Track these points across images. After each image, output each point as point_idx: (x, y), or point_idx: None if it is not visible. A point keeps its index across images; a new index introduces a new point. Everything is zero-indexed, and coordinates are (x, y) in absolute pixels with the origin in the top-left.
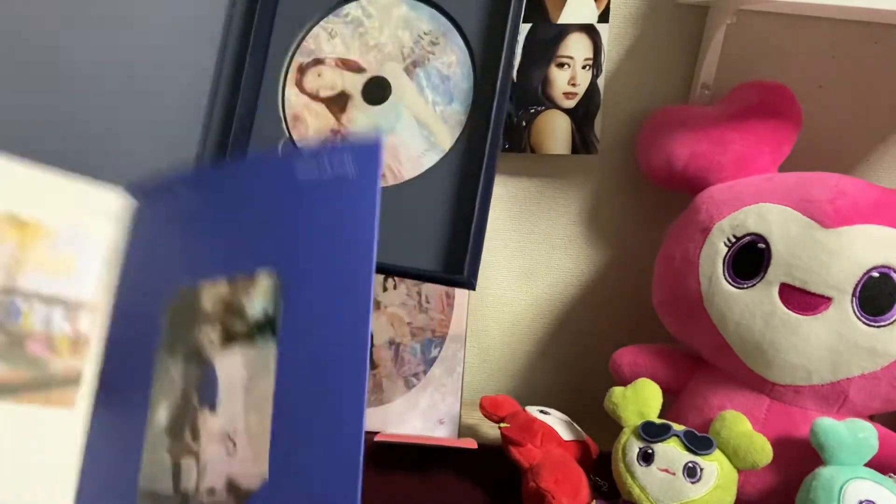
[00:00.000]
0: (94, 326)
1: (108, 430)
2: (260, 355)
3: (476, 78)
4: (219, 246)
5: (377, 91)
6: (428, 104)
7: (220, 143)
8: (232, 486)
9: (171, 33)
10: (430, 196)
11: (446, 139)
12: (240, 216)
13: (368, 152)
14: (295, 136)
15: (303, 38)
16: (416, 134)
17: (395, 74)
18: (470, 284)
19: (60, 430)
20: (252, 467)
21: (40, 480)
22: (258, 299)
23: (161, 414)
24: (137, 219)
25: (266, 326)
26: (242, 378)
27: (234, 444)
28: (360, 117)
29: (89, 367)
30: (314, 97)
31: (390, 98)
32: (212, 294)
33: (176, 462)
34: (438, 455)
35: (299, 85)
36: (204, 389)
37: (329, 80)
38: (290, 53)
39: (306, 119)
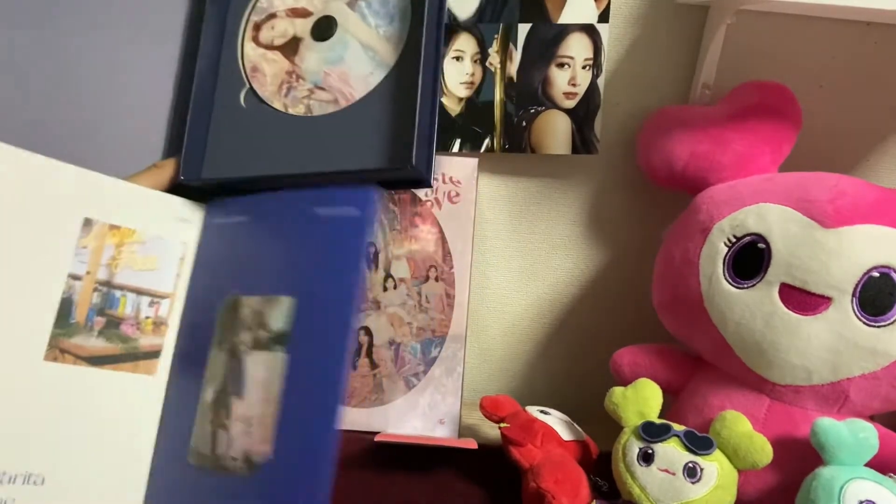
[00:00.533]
0: (171, 312)
1: (176, 396)
2: (275, 361)
3: None
4: (256, 266)
5: (324, 28)
6: (372, 28)
7: (184, 104)
8: (247, 458)
9: (134, 8)
10: (381, 109)
11: (391, 55)
12: (272, 243)
13: (369, 197)
14: (255, 85)
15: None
16: (363, 57)
17: (339, 10)
18: (423, 179)
19: (144, 392)
20: (261, 446)
21: (128, 430)
22: (279, 316)
23: (208, 392)
24: (206, 227)
25: (281, 338)
26: (262, 377)
27: (251, 426)
28: (311, 55)
29: (167, 344)
30: (269, 47)
31: (336, 32)
32: (248, 306)
33: (214, 431)
34: (438, 455)
35: (255, 40)
36: (235, 380)
37: (281, 29)
38: (245, 15)
39: (263, 68)
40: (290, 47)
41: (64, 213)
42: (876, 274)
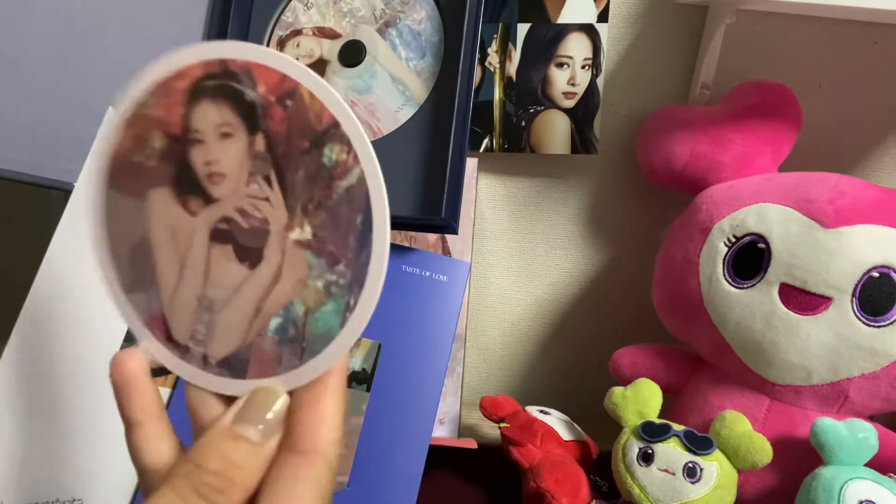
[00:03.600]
0: None
1: None
2: (354, 398)
3: (446, 30)
4: None
5: (353, 54)
6: (402, 61)
7: None
8: None
9: (154, 17)
10: (409, 147)
11: (421, 92)
12: None
13: (460, 269)
14: None
15: (281, 12)
16: (392, 90)
17: (368, 36)
18: (450, 227)
19: None
20: (339, 476)
21: None
22: (360, 357)
23: None
24: None
25: (362, 377)
26: None
27: None
28: (338, 80)
29: None
30: None
31: (365, 59)
32: None
33: None
34: (438, 455)
35: None
36: None
37: (307, 48)
38: (269, 28)
39: None
40: (316, 69)
41: None
42: (876, 274)
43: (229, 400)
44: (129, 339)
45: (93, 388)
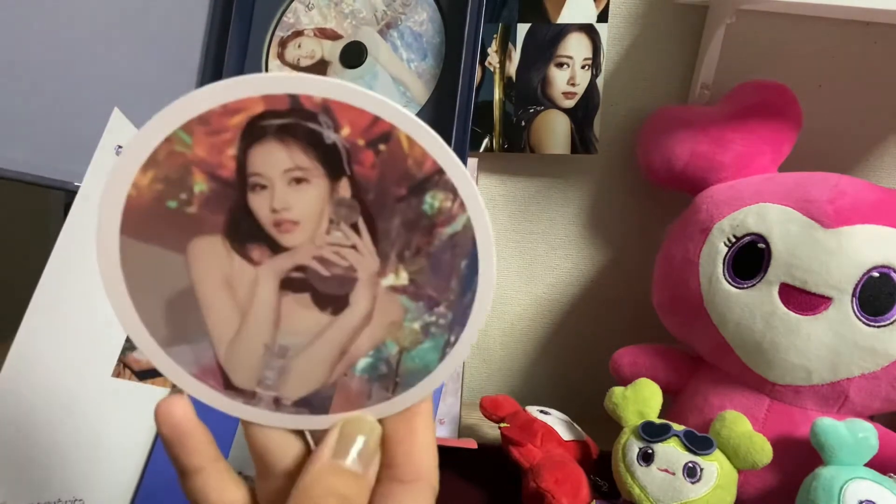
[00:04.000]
0: None
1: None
2: None
3: (447, 31)
4: None
5: (354, 55)
6: (403, 62)
7: None
8: None
9: (155, 18)
10: None
11: (422, 93)
12: None
13: None
14: None
15: (282, 13)
16: (393, 91)
17: (370, 38)
18: None
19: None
20: None
21: (147, 446)
22: None
23: None
24: None
25: None
26: None
27: None
28: None
29: None
30: (295, 67)
31: (367, 60)
32: None
33: None
34: (438, 455)
35: (281, 58)
36: None
37: (308, 49)
38: (271, 29)
39: None
40: (318, 70)
41: None
42: (876, 274)
43: (303, 436)
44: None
45: (95, 388)
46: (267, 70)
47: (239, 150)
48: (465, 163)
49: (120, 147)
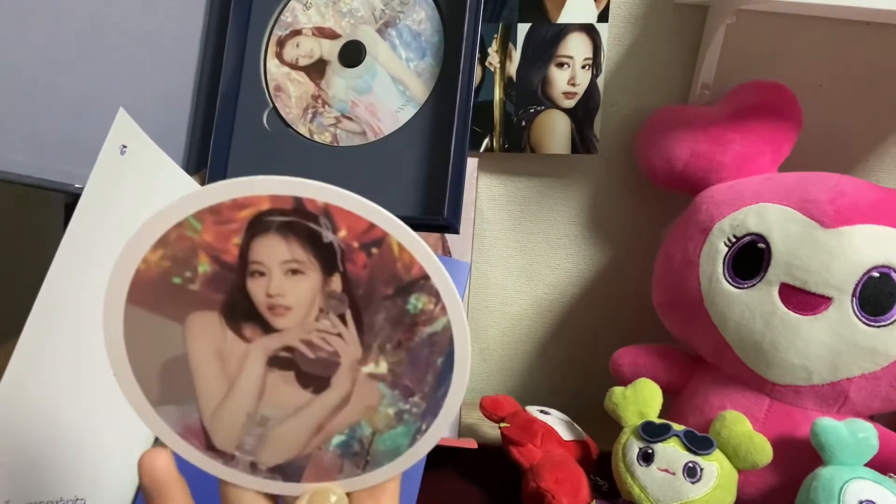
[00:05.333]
0: None
1: None
2: None
3: (445, 30)
4: None
5: (353, 54)
6: (402, 61)
7: (206, 118)
8: None
9: (153, 17)
10: (410, 148)
11: (421, 92)
12: None
13: (460, 268)
14: (278, 105)
15: (280, 12)
16: (393, 91)
17: (368, 37)
18: (452, 226)
19: None
20: None
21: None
22: None
23: None
24: None
25: None
26: None
27: None
28: (338, 81)
29: None
30: (294, 66)
31: (365, 59)
32: None
33: None
34: (438, 455)
35: (279, 57)
36: None
37: (307, 48)
38: (268, 28)
39: (288, 88)
40: (316, 69)
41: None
42: (876, 274)
43: (275, 500)
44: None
45: (98, 388)
46: (266, 70)
47: (243, 240)
48: (464, 162)
49: (125, 147)
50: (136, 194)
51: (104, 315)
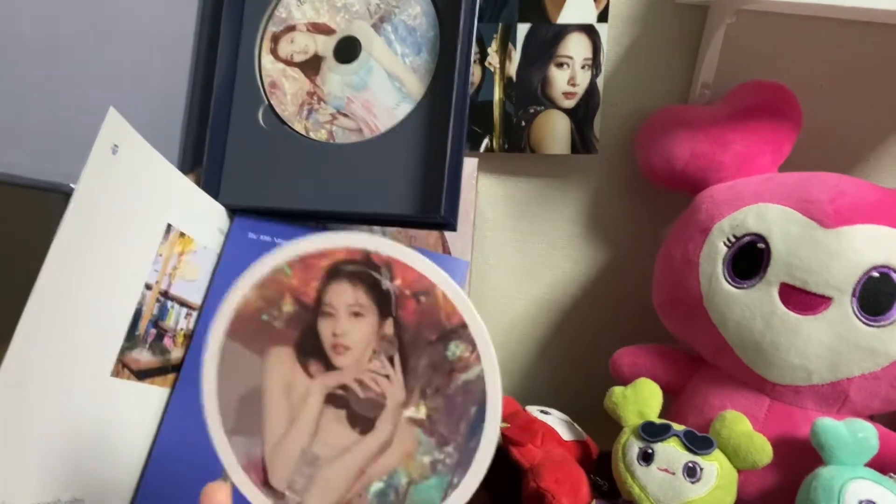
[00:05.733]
0: (197, 325)
1: (180, 409)
2: None
3: (441, 25)
4: None
5: (348, 50)
6: (397, 56)
7: (201, 115)
8: None
9: (149, 15)
10: (406, 145)
11: (418, 88)
12: None
13: (458, 267)
14: (273, 103)
15: (274, 7)
16: (389, 87)
17: (363, 32)
18: (449, 224)
19: (159, 404)
20: None
21: (143, 444)
22: None
23: None
24: (237, 240)
25: None
26: None
27: None
28: (334, 77)
29: (187, 357)
30: (289, 63)
31: (361, 55)
32: None
33: None
34: None
35: (274, 53)
36: None
37: (301, 44)
38: (262, 24)
39: (283, 84)
40: (312, 65)
41: (153, 217)
42: (876, 274)
43: None
44: (130, 339)
45: (94, 388)
46: (260, 66)
47: (321, 284)
48: (461, 158)
49: (116, 147)
50: (129, 194)
51: (208, 346)
